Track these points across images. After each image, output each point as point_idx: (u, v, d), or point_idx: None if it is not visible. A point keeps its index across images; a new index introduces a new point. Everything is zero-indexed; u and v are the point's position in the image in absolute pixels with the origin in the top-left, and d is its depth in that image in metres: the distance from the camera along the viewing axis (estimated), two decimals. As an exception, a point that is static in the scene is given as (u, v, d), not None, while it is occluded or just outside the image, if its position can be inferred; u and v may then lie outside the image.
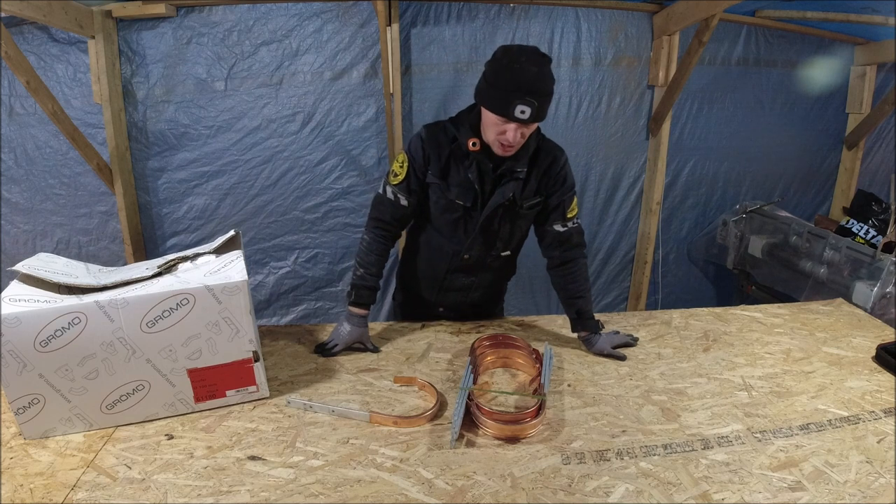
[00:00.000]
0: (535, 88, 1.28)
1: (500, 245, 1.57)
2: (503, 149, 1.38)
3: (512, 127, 1.32)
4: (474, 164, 1.44)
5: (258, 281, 2.94)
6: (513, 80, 1.28)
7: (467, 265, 1.59)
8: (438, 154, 1.46)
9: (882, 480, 1.01)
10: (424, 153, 1.47)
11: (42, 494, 0.96)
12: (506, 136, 1.34)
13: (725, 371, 1.40)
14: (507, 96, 1.28)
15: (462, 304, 1.71)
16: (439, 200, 1.51)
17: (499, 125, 1.34)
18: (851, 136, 3.37)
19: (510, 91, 1.28)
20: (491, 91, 1.33)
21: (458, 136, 1.44)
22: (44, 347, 1.03)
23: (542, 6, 2.73)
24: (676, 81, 2.73)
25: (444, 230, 1.56)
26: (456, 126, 1.46)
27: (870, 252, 2.44)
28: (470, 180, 1.45)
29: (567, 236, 1.55)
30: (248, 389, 1.22)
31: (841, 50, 3.21)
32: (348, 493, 0.98)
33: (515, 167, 1.44)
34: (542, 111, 1.32)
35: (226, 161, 2.76)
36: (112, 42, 2.52)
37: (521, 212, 1.51)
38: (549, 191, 1.52)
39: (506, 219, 1.52)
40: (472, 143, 1.41)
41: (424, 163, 1.48)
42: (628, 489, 0.99)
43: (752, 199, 3.29)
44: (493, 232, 1.53)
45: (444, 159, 1.46)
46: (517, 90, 1.27)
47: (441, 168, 1.47)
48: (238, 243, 1.32)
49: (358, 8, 2.60)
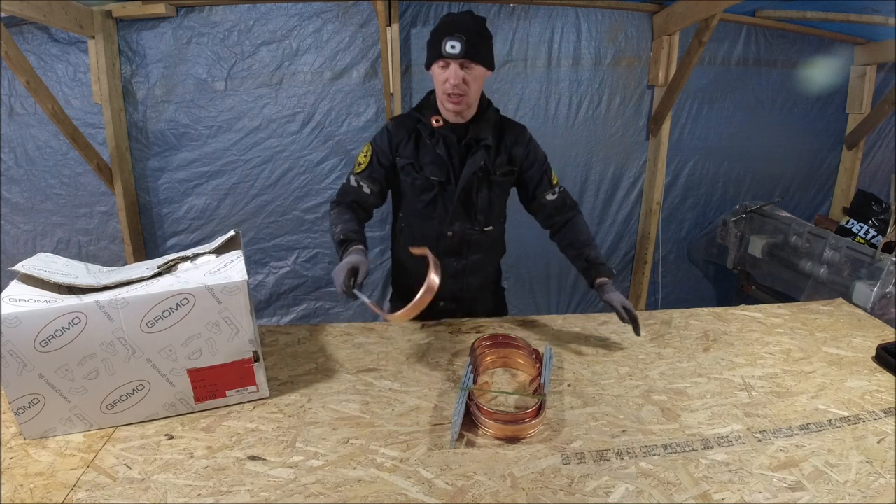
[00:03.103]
0: (461, 26, 1.42)
1: (481, 218, 1.63)
2: (453, 102, 1.46)
3: (451, 69, 1.42)
4: (440, 140, 1.54)
5: (258, 281, 2.95)
6: (442, 25, 1.45)
7: (453, 245, 1.63)
8: (407, 138, 1.57)
9: (882, 480, 1.01)
10: (391, 141, 1.57)
11: (42, 494, 0.96)
12: (449, 81, 1.43)
13: (725, 371, 1.40)
14: (438, 39, 1.43)
15: (460, 293, 1.72)
16: (414, 181, 1.58)
17: (441, 74, 1.45)
18: (851, 136, 3.37)
19: (440, 34, 1.43)
20: (428, 45, 1.48)
21: (421, 117, 1.55)
22: (44, 347, 1.03)
23: (542, 6, 2.73)
24: (676, 81, 2.73)
25: (424, 213, 1.61)
26: (419, 110, 1.58)
27: (870, 252, 2.44)
28: (440, 157, 1.54)
29: (561, 202, 1.66)
30: (248, 389, 1.22)
31: (841, 50, 3.21)
32: (348, 493, 0.98)
33: (480, 134, 1.54)
34: (475, 50, 1.42)
35: (226, 161, 2.76)
36: (112, 42, 2.52)
37: (494, 179, 1.59)
38: (524, 164, 1.62)
39: (482, 188, 1.59)
40: (434, 119, 1.53)
41: (391, 150, 1.57)
42: (628, 489, 0.99)
43: (752, 199, 3.29)
44: (471, 204, 1.60)
45: (412, 142, 1.56)
46: (444, 30, 1.43)
47: (412, 151, 1.56)
48: (238, 243, 1.32)
49: (358, 8, 2.60)
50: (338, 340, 1.53)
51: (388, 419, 1.19)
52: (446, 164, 1.55)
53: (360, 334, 1.57)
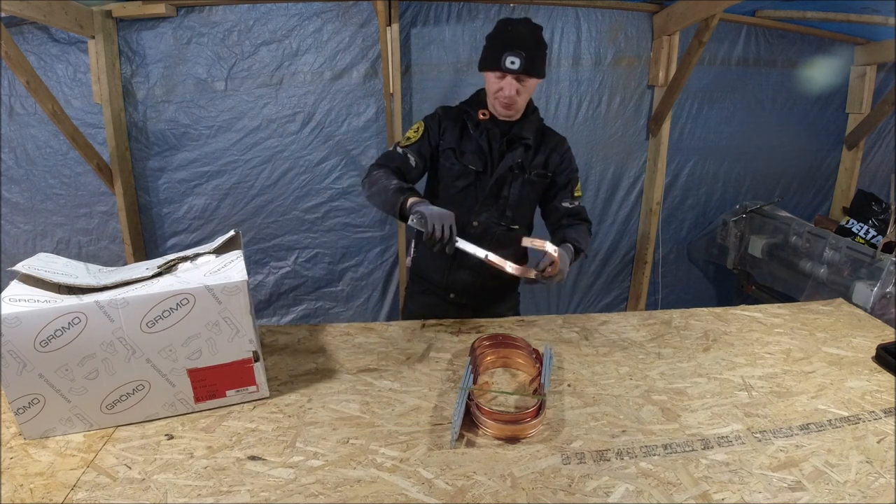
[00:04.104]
0: (522, 41, 1.46)
1: (510, 214, 1.64)
2: (504, 106, 1.53)
3: (507, 81, 1.48)
4: (484, 132, 1.59)
5: (258, 281, 2.95)
6: (502, 36, 1.49)
7: (476, 237, 1.58)
8: (453, 126, 1.62)
9: (882, 480, 1.01)
10: (440, 125, 1.62)
11: (42, 494, 0.96)
12: (503, 91, 1.49)
13: (725, 371, 1.40)
14: (498, 51, 1.46)
15: (473, 288, 1.71)
16: (452, 167, 1.61)
17: (496, 83, 1.50)
18: (851, 136, 3.37)
19: (500, 46, 1.47)
20: (486, 52, 1.52)
21: (469, 110, 1.61)
22: (44, 347, 1.03)
23: (542, 6, 2.73)
24: (676, 81, 2.73)
25: (455, 199, 1.62)
26: (467, 103, 1.64)
27: (870, 252, 2.44)
28: (482, 148, 1.59)
29: (576, 211, 1.70)
30: (248, 389, 1.22)
31: (841, 50, 3.21)
32: (348, 493, 0.98)
33: (522, 133, 1.59)
34: (532, 64, 1.47)
35: (226, 161, 2.76)
36: (112, 42, 2.52)
37: (528, 178, 1.63)
38: (557, 170, 1.67)
39: (514, 184, 1.62)
40: (481, 113, 1.59)
41: (439, 132, 1.62)
42: (628, 489, 0.99)
43: (752, 199, 3.29)
44: (502, 197, 1.63)
45: (458, 130, 1.62)
46: (506, 43, 1.46)
47: (456, 138, 1.61)
48: (238, 243, 1.32)
49: (358, 8, 2.60)
50: (338, 340, 1.53)
51: (388, 419, 1.19)
52: (486, 155, 1.59)
53: (360, 334, 1.57)
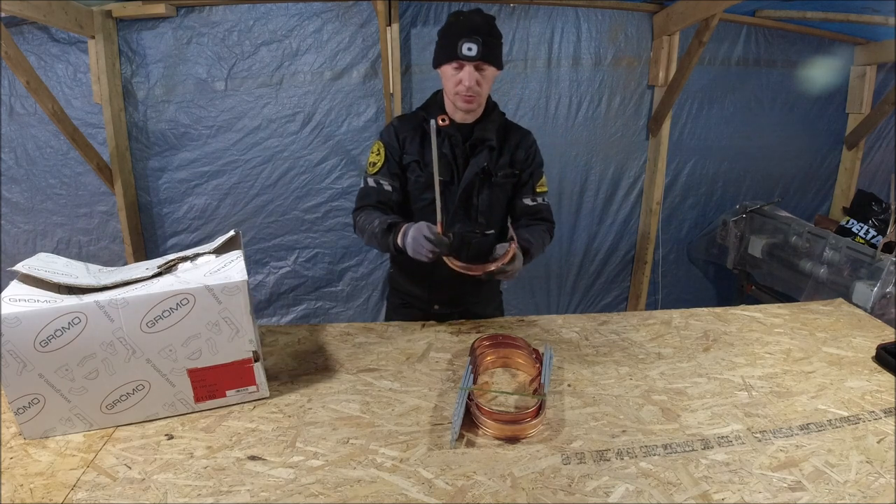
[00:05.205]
0: (477, 28, 1.41)
1: (482, 220, 1.62)
2: (465, 101, 1.46)
3: (466, 71, 1.42)
4: (446, 139, 1.53)
5: (258, 281, 2.95)
6: (456, 26, 1.43)
7: (453, 248, 1.58)
8: (412, 136, 1.56)
9: (882, 480, 1.01)
10: (399, 138, 1.56)
11: (42, 494, 0.96)
12: (463, 83, 1.42)
13: (725, 371, 1.40)
14: (453, 40, 1.41)
15: (456, 299, 1.71)
16: (419, 179, 1.57)
17: (454, 76, 1.44)
18: (851, 136, 3.37)
19: (454, 34, 1.41)
20: (440, 45, 1.47)
21: (426, 116, 1.52)
22: (44, 347, 1.03)
23: (542, 6, 2.73)
24: (676, 81, 2.73)
25: (426, 212, 1.58)
26: (424, 109, 1.58)
27: (870, 252, 2.44)
28: (445, 155, 1.53)
29: (536, 209, 1.64)
30: (248, 389, 1.22)
31: (841, 50, 3.22)
32: (348, 493, 0.98)
33: (485, 136, 1.54)
34: (489, 51, 1.42)
35: (226, 161, 2.76)
36: (112, 42, 2.52)
37: (496, 181, 1.59)
38: (520, 167, 1.61)
39: (483, 190, 1.58)
40: (441, 119, 1.52)
41: (400, 146, 1.56)
42: (628, 489, 0.99)
43: (752, 199, 3.29)
44: (472, 205, 1.59)
45: (417, 139, 1.55)
46: (461, 32, 1.41)
47: (417, 148, 1.55)
48: (238, 243, 1.32)
49: (358, 8, 2.60)
50: (338, 340, 1.53)
51: (388, 419, 1.19)
52: (451, 163, 1.54)
53: (360, 334, 1.57)
